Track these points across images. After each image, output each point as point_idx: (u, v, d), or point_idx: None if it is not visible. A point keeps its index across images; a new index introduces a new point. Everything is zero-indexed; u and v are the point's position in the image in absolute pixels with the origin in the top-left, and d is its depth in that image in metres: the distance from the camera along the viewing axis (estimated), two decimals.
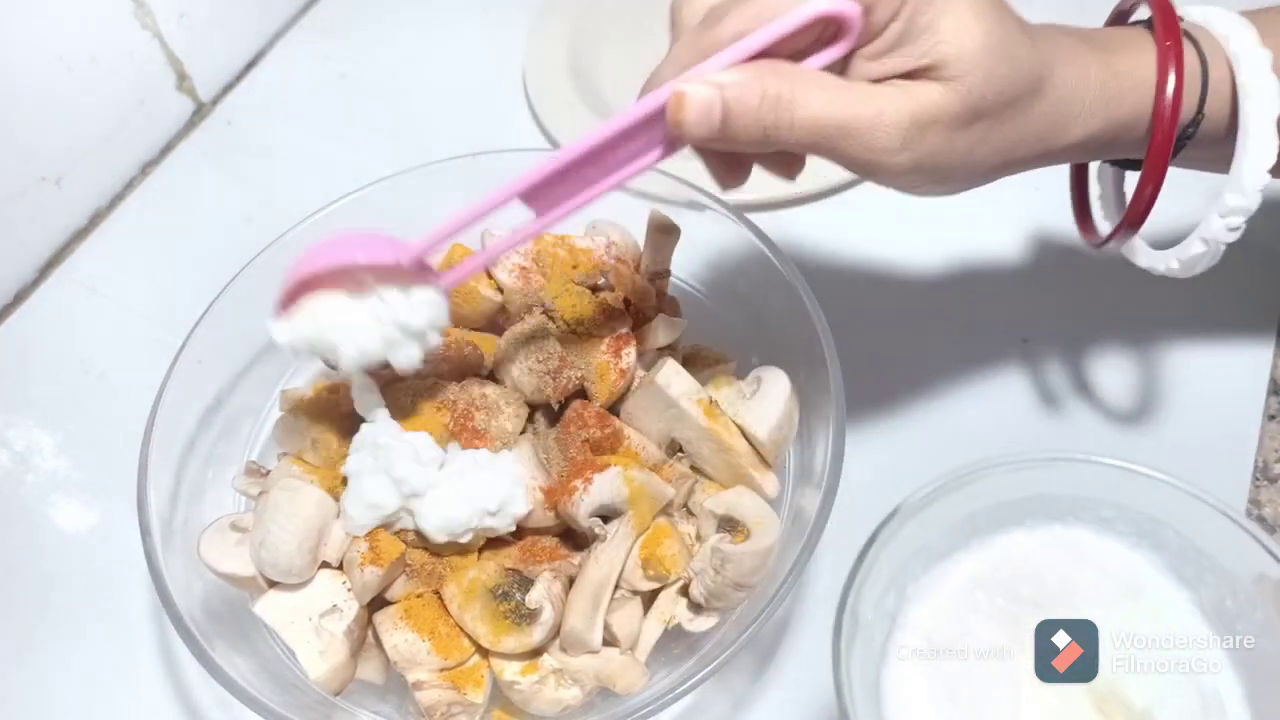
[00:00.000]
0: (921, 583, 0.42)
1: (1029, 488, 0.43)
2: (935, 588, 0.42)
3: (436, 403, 0.54)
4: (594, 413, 0.53)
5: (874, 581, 0.40)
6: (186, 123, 0.86)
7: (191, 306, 0.58)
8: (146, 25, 0.79)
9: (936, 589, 0.42)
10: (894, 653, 0.41)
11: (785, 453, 0.56)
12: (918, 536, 0.42)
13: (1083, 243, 0.55)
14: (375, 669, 0.51)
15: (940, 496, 0.42)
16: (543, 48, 0.85)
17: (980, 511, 0.43)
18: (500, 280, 0.57)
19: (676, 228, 0.58)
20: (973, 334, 0.66)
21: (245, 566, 0.50)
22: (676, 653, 0.52)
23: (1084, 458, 0.42)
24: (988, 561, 0.43)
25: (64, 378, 0.71)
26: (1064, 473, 0.43)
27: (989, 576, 0.43)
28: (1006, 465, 0.42)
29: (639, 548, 0.50)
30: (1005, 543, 0.43)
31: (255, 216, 0.77)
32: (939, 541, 0.43)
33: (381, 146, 0.81)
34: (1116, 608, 0.41)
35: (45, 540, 0.64)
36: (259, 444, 0.61)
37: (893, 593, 0.42)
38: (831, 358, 0.52)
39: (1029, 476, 0.43)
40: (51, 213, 0.77)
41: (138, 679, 0.57)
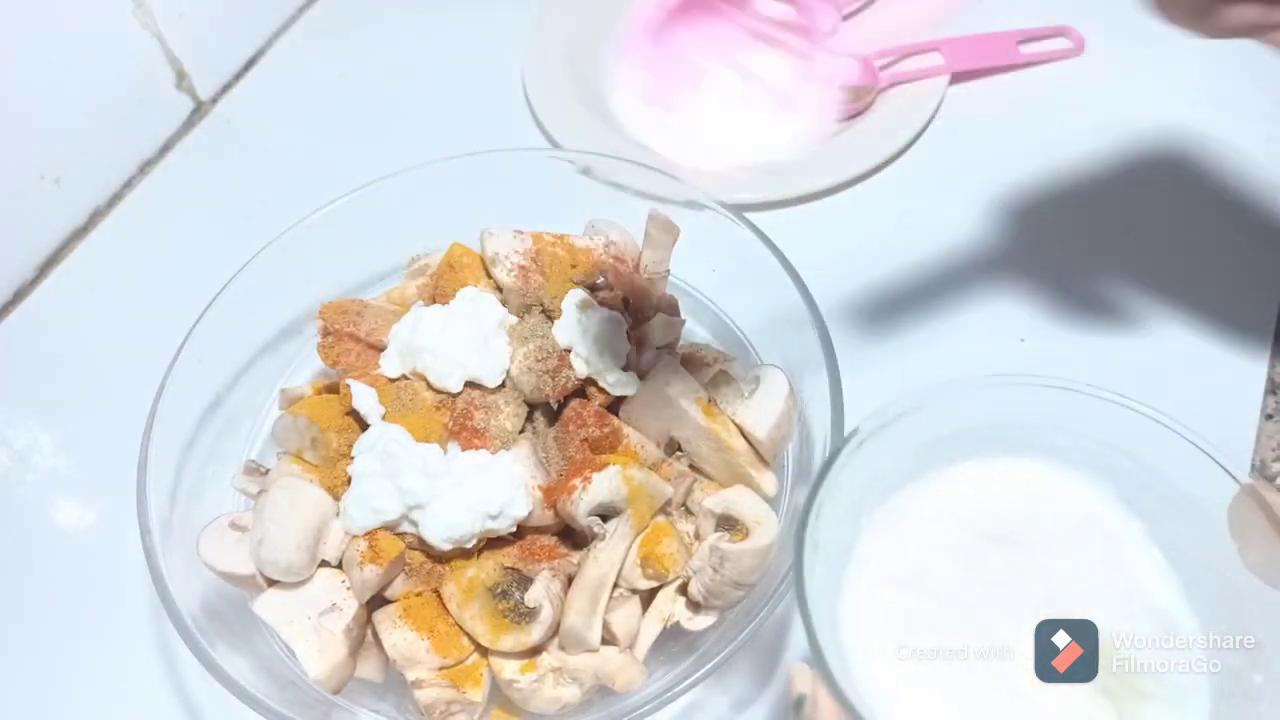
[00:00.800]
0: (876, 515, 0.42)
1: (984, 414, 0.43)
2: (891, 521, 0.42)
3: (436, 401, 0.54)
4: (593, 411, 0.53)
5: (831, 508, 0.40)
6: (185, 122, 0.86)
7: (191, 305, 0.58)
8: (146, 24, 0.79)
9: (892, 522, 0.42)
10: (848, 585, 0.41)
11: (784, 452, 0.56)
12: (873, 464, 0.42)
13: (1081, 241, 0.55)
14: (374, 667, 0.51)
15: (897, 419, 0.41)
16: (541, 47, 0.85)
17: (935, 441, 0.43)
18: (500, 279, 0.57)
19: (676, 227, 0.58)
20: (971, 332, 0.66)
21: (244, 565, 0.50)
22: (675, 651, 0.52)
23: (1039, 381, 0.42)
24: (942, 495, 0.43)
25: (63, 376, 0.71)
26: (1018, 397, 0.42)
27: (943, 510, 0.42)
28: (962, 388, 0.42)
29: (638, 546, 0.50)
30: (959, 475, 0.43)
31: (254, 215, 0.77)
32: (894, 470, 0.42)
33: (380, 145, 0.81)
34: (1071, 542, 0.41)
35: (45, 539, 0.64)
36: (258, 443, 0.61)
37: (848, 523, 0.42)
38: (830, 357, 0.52)
39: (985, 399, 0.43)
40: (51, 211, 0.77)
41: (137, 677, 0.57)
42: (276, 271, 0.60)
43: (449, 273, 0.59)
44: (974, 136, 0.77)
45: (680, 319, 0.59)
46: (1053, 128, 0.75)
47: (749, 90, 0.44)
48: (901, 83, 0.79)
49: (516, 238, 0.58)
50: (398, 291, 0.62)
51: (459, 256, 0.59)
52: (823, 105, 0.43)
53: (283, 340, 0.63)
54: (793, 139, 0.43)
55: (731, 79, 0.44)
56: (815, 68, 0.43)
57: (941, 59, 0.80)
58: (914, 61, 0.80)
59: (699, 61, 0.43)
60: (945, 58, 0.80)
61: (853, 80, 0.79)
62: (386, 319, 0.58)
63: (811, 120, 0.43)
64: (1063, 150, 0.73)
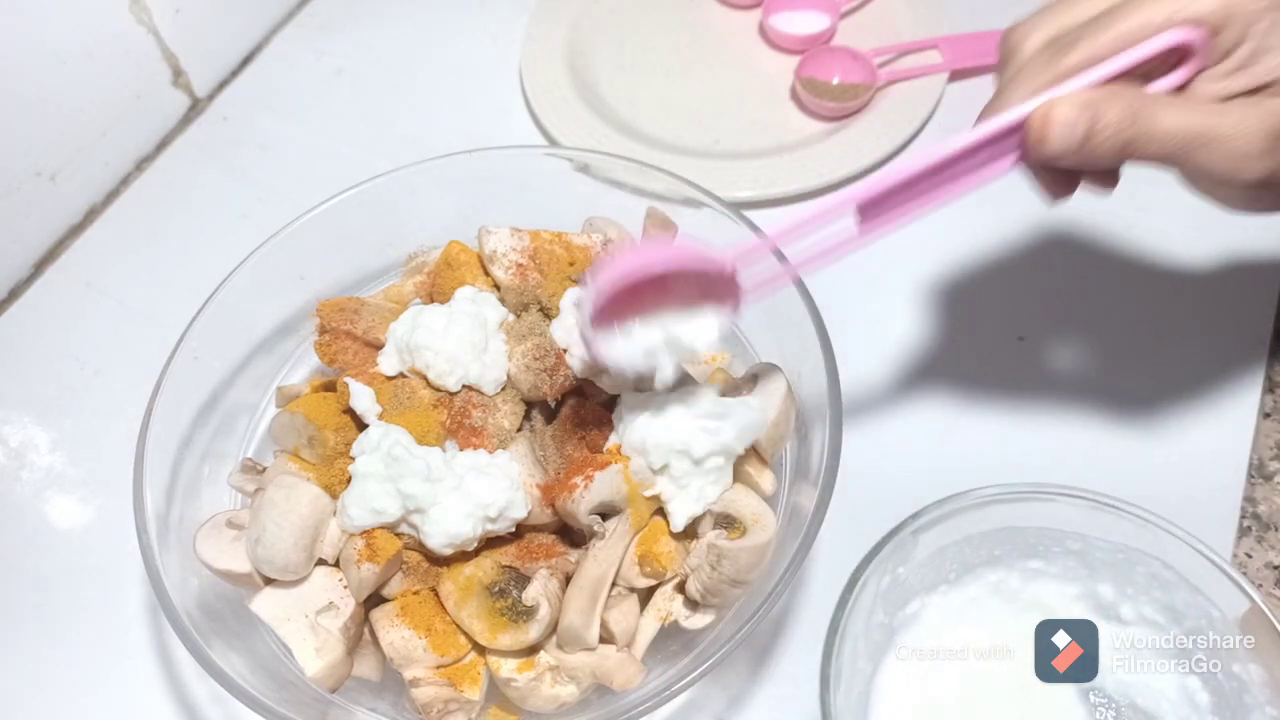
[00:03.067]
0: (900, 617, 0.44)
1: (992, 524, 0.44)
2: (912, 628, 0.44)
3: (434, 399, 0.54)
4: (591, 410, 0.53)
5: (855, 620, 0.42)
6: (182, 118, 0.86)
7: (187, 302, 0.57)
8: (142, 20, 0.79)
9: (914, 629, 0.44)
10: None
11: (782, 450, 0.56)
12: (893, 571, 0.43)
13: (1080, 238, 0.55)
14: (372, 666, 0.51)
15: (924, 529, 0.43)
16: (539, 44, 0.85)
17: (951, 546, 0.44)
18: (498, 277, 0.57)
19: (674, 224, 0.58)
20: (969, 331, 0.66)
21: (241, 563, 0.50)
22: (673, 650, 0.52)
23: (1047, 492, 0.44)
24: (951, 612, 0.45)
25: (59, 374, 0.71)
26: (1029, 510, 0.44)
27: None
28: (970, 501, 0.44)
29: (636, 545, 0.50)
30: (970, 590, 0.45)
31: (251, 212, 0.77)
32: (913, 576, 0.44)
33: (378, 142, 0.81)
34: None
35: (41, 537, 0.64)
36: (255, 441, 0.61)
37: (873, 640, 0.43)
38: (828, 355, 0.52)
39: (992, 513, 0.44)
40: (46, 208, 0.77)
41: (133, 676, 0.57)
42: (273, 269, 0.60)
43: (447, 270, 0.59)
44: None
45: None
46: None
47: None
48: (900, 80, 0.79)
49: (514, 235, 0.58)
50: (395, 289, 0.62)
51: (457, 254, 0.59)
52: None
53: (280, 338, 0.63)
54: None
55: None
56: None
57: (940, 57, 0.80)
58: (912, 59, 0.80)
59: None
60: (943, 55, 0.80)
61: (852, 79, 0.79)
62: (384, 317, 0.57)
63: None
64: None
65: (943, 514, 0.43)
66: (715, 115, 0.81)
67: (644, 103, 0.82)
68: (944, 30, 0.81)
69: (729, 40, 0.86)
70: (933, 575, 0.45)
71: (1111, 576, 0.44)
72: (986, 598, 0.44)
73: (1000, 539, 0.44)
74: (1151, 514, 0.42)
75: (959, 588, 0.45)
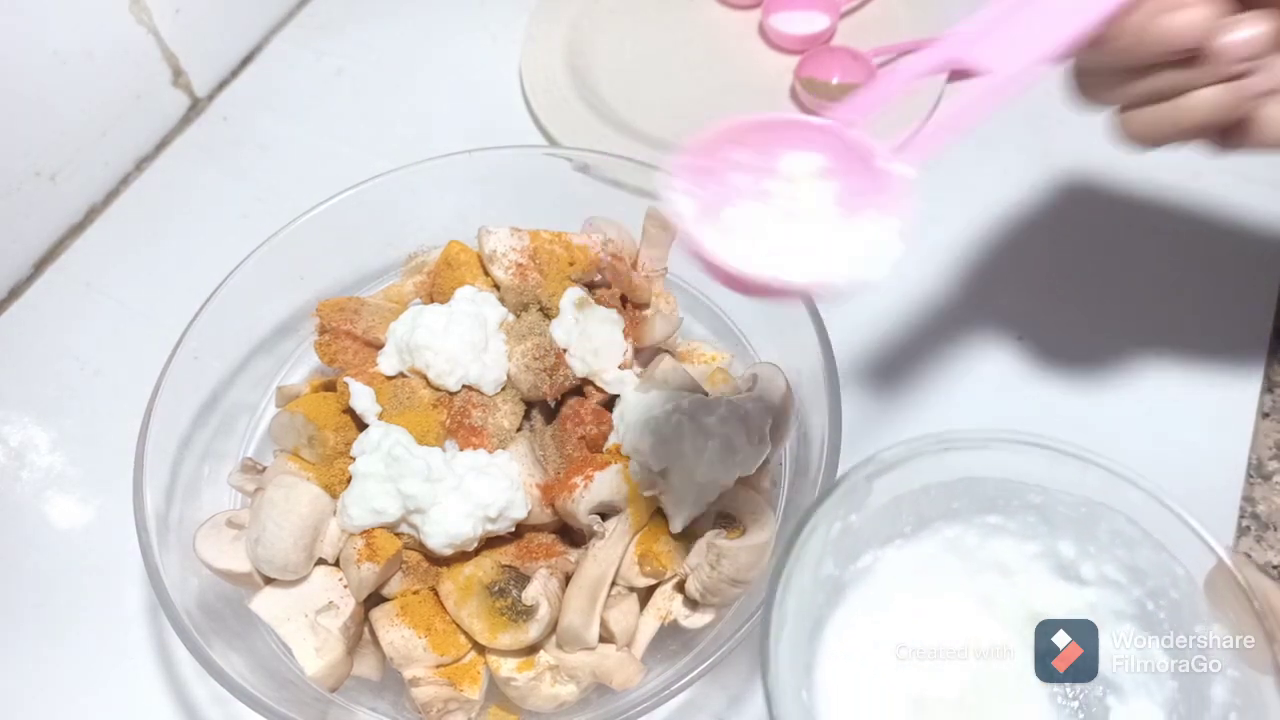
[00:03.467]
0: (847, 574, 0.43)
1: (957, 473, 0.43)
2: (861, 585, 0.42)
3: (433, 399, 0.54)
4: (590, 409, 0.53)
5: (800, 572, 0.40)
6: (182, 118, 0.86)
7: (187, 302, 0.57)
8: (142, 20, 0.79)
9: (863, 586, 0.42)
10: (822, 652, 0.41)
11: (781, 449, 0.56)
12: (844, 518, 0.42)
13: (1079, 238, 0.55)
14: (371, 666, 0.51)
15: (879, 474, 0.41)
16: (539, 44, 0.85)
17: (908, 496, 0.43)
18: (497, 277, 0.57)
19: (674, 224, 0.57)
20: (969, 331, 0.66)
21: (241, 563, 0.50)
22: (672, 649, 0.52)
23: (1019, 439, 0.42)
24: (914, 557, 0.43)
25: (59, 374, 0.71)
26: (997, 457, 0.42)
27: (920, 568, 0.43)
28: (936, 448, 0.42)
29: (635, 544, 0.50)
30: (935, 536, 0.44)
31: (251, 212, 0.77)
32: (866, 526, 0.42)
33: (378, 142, 0.81)
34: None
35: (40, 537, 0.64)
36: (255, 440, 0.61)
37: (821, 592, 0.42)
38: (827, 354, 0.52)
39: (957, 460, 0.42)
40: (46, 208, 0.77)
41: (134, 676, 0.57)
42: (273, 268, 0.60)
43: (446, 270, 0.59)
44: (972, 134, 0.77)
45: (678, 316, 0.59)
46: (1052, 125, 0.75)
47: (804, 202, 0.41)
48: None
49: (514, 235, 0.58)
50: (395, 289, 0.62)
51: (457, 254, 0.59)
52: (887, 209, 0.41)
53: (280, 338, 0.63)
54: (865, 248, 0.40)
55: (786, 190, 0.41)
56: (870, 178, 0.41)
57: None
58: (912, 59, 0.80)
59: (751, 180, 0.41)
60: None
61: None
62: (384, 316, 0.57)
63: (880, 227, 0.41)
64: (1062, 147, 0.73)
65: (898, 457, 0.41)
66: (715, 115, 0.80)
67: (644, 103, 0.82)
68: (944, 30, 0.81)
69: (729, 40, 0.86)
70: (887, 528, 0.43)
71: (1073, 533, 0.42)
72: (942, 554, 0.43)
73: (959, 490, 0.43)
74: (1118, 464, 0.41)
75: (914, 542, 0.43)
